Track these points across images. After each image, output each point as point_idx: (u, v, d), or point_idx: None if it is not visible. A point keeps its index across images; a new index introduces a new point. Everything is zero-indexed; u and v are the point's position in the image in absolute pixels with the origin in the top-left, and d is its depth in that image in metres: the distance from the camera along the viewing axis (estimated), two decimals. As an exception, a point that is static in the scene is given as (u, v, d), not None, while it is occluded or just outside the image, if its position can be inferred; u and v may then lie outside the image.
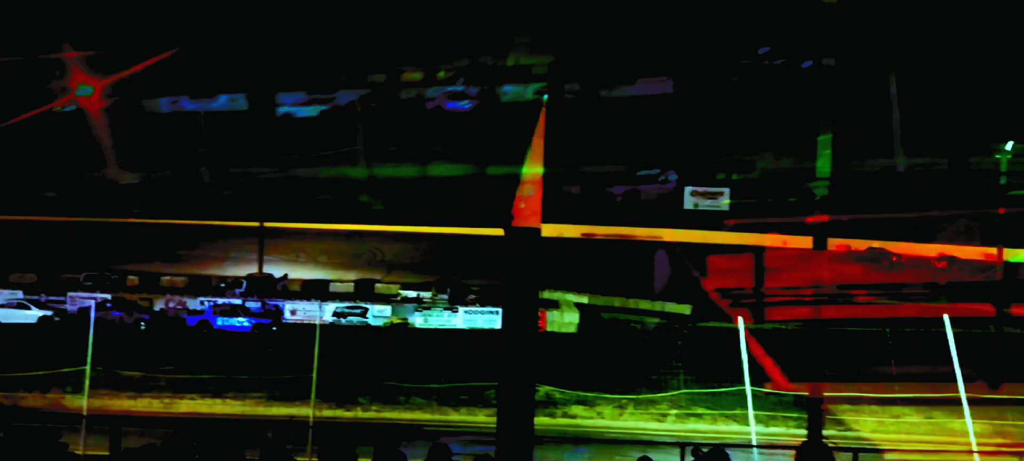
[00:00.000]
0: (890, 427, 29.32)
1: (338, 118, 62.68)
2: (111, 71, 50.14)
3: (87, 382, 27.14)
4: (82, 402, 28.00)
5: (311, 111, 64.34)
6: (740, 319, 27.47)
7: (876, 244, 40.04)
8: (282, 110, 64.30)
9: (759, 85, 54.98)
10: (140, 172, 52.96)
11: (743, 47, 57.61)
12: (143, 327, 37.03)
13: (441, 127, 61.19)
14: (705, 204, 49.51)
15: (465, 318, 39.62)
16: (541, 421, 26.13)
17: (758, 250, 41.27)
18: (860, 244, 39.73)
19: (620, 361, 32.65)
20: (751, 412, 26.49)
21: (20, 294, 38.27)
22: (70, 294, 38.70)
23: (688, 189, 49.95)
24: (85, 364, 28.67)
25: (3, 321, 36.86)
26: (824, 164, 34.27)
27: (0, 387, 30.08)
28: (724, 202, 49.07)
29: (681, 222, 46.78)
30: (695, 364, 31.91)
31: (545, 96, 56.34)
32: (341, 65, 63.56)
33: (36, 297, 38.19)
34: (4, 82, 49.99)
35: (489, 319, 39.27)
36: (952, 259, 40.91)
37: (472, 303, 40.34)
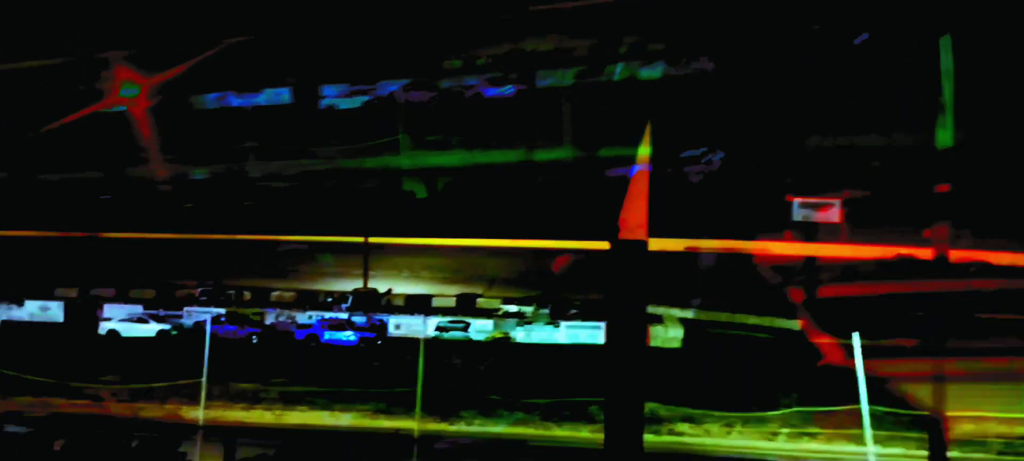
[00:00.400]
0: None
1: (380, 109, 62.72)
2: (158, 69, 49.84)
3: (203, 393, 28.22)
4: (198, 413, 29.08)
5: (354, 102, 64.60)
6: (856, 335, 26.37)
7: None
8: (325, 102, 64.88)
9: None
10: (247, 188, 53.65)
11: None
12: (255, 341, 38.08)
13: (483, 114, 60.99)
14: (813, 216, 47.81)
15: (567, 333, 39.31)
16: (647, 438, 25.60)
17: (872, 261, 39.62)
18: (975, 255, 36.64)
19: (728, 378, 31.71)
20: (868, 432, 25.36)
21: (140, 309, 39.87)
22: (186, 309, 40.11)
23: (796, 201, 48.19)
24: (201, 376, 29.82)
25: (124, 335, 38.49)
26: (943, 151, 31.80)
27: (122, 398, 31.49)
28: (834, 213, 47.19)
29: (788, 233, 45.26)
30: (807, 381, 30.76)
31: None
32: (382, 56, 63.56)
33: (155, 311, 39.71)
34: (53, 84, 51.43)
35: (591, 334, 38.85)
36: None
37: (574, 318, 40.00)
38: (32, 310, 40.73)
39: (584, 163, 53.48)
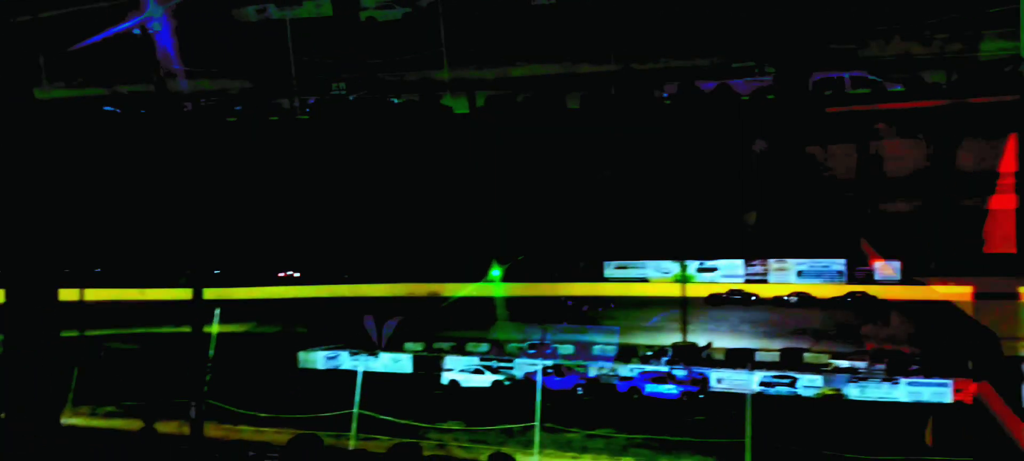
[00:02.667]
0: None
1: (421, 20, 58.55)
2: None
3: (537, 438, 29.71)
4: (533, 458, 30.64)
5: (393, 14, 61.36)
6: None
7: None
8: (365, 15, 62.20)
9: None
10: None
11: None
12: (580, 392, 39.38)
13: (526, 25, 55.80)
14: None
15: (907, 390, 36.28)
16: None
17: None
18: None
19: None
20: None
21: (477, 361, 42.96)
22: (516, 361, 42.59)
23: None
24: (533, 423, 31.42)
25: (464, 385, 41.66)
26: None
27: (461, 442, 33.97)
28: None
29: None
30: None
31: None
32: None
33: (490, 363, 42.56)
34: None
35: (937, 391, 35.63)
36: None
37: (915, 374, 36.84)
38: (385, 362, 45.59)
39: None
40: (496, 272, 51.79)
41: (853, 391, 37.02)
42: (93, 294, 54.06)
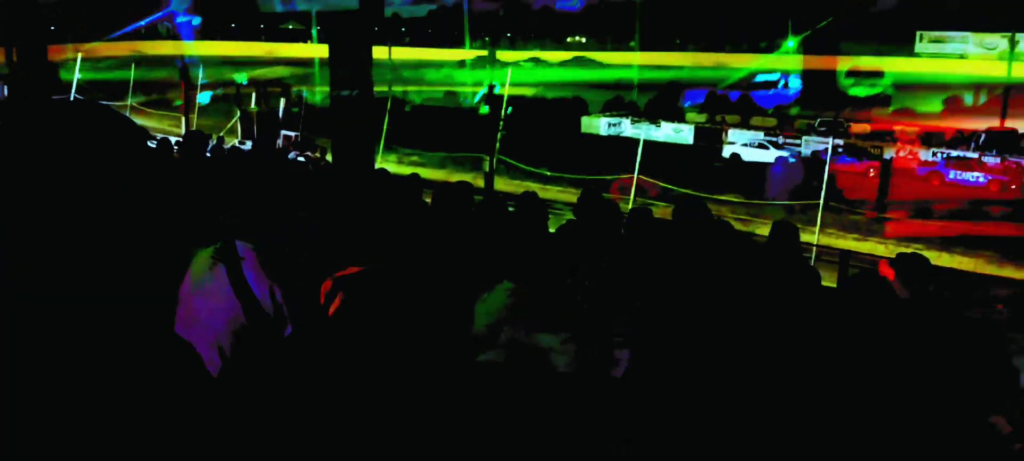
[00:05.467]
0: None
1: (446, 17, 57.75)
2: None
3: (819, 218, 28.78)
4: (813, 237, 29.85)
5: (419, 10, 60.97)
6: None
7: None
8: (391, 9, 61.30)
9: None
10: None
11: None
12: (872, 174, 37.22)
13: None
14: None
15: None
16: None
17: None
18: None
19: None
20: None
21: (761, 135, 41.69)
22: (805, 138, 40.80)
23: None
24: (817, 202, 30.38)
25: (745, 159, 40.80)
26: None
27: (739, 215, 33.74)
28: None
29: None
30: None
31: None
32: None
33: (775, 139, 41.18)
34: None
35: None
36: None
37: None
38: (667, 132, 45.56)
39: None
40: (791, 43, 49.03)
41: None
42: (398, 53, 58.60)
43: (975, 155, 36.16)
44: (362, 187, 12.39)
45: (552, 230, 8.90)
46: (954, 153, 36.68)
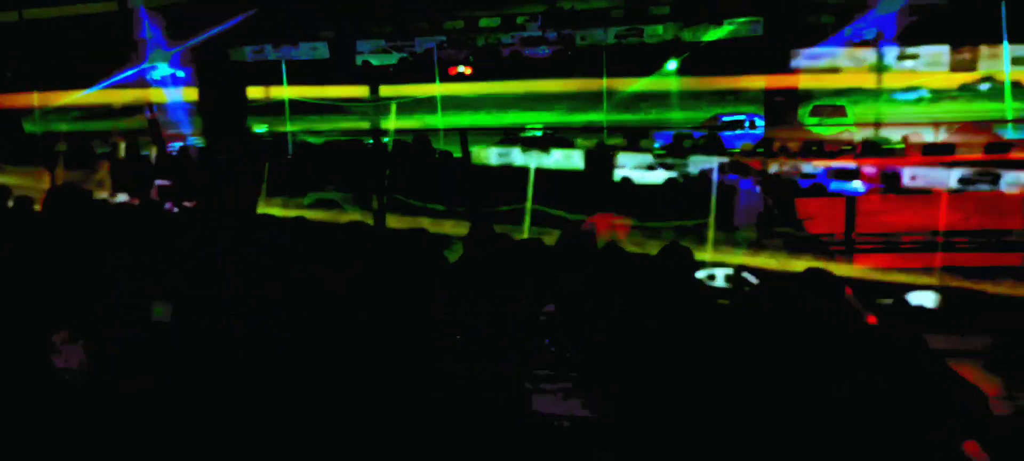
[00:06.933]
0: None
1: (417, 66, 62.26)
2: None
3: (711, 234, 29.29)
4: (706, 254, 30.28)
5: (389, 59, 65.15)
6: None
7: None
8: (361, 59, 65.13)
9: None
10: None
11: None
12: (757, 190, 38.18)
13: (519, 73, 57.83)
14: None
15: None
16: None
17: None
18: None
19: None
20: None
21: (650, 158, 42.36)
22: (691, 157, 41.66)
23: None
24: (706, 218, 30.89)
25: (637, 181, 41.34)
26: None
27: (634, 238, 33.98)
28: None
29: None
30: None
31: None
32: (419, 13, 64.13)
33: (663, 160, 41.90)
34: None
35: None
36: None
37: None
38: (557, 158, 45.74)
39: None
40: (672, 65, 50.17)
41: (1067, 188, 33.92)
42: (277, 92, 57.16)
43: (854, 166, 37.58)
44: (241, 236, 11.57)
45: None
46: (835, 165, 38.02)
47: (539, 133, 49.54)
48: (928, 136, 40.93)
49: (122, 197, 26.15)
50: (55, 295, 5.46)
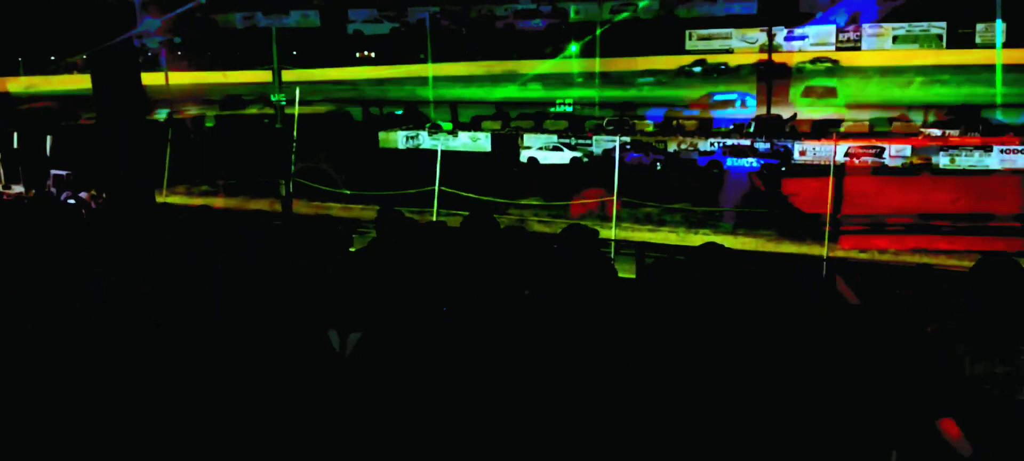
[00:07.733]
0: None
1: (408, 36, 61.58)
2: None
3: (615, 213, 29.93)
4: (610, 232, 30.98)
5: (382, 28, 64.03)
6: None
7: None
8: (352, 27, 64.15)
9: None
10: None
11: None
12: (659, 168, 39.21)
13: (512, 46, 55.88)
14: None
15: (1000, 159, 35.04)
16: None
17: None
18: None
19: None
20: None
21: (555, 139, 42.92)
22: (595, 137, 42.41)
23: None
24: (611, 198, 31.56)
25: (542, 162, 41.88)
26: None
27: (541, 217, 34.54)
28: None
29: None
30: None
31: None
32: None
33: (567, 141, 42.52)
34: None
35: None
36: None
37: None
38: (465, 141, 45.97)
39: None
40: (574, 47, 50.67)
41: (943, 160, 35.99)
42: (177, 78, 55.31)
43: (747, 142, 38.91)
44: (139, 228, 11.40)
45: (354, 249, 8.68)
46: (730, 141, 39.29)
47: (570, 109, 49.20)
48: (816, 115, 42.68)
49: (17, 188, 25.13)
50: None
